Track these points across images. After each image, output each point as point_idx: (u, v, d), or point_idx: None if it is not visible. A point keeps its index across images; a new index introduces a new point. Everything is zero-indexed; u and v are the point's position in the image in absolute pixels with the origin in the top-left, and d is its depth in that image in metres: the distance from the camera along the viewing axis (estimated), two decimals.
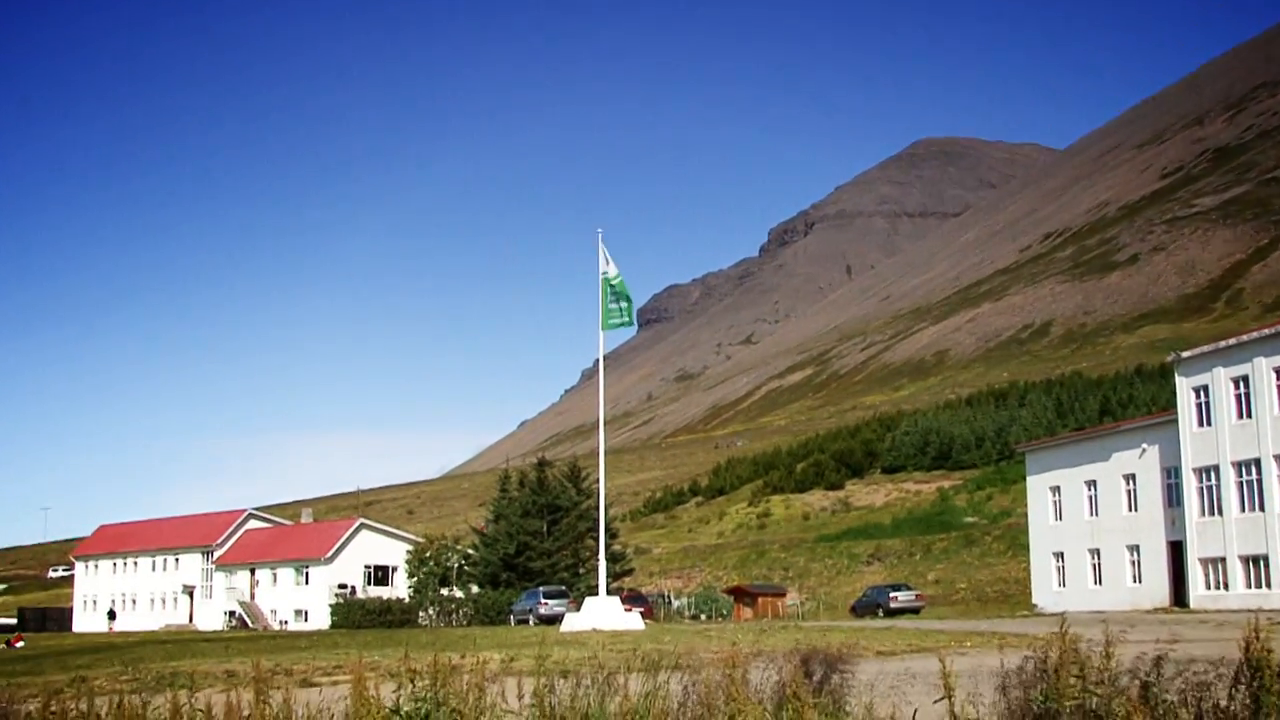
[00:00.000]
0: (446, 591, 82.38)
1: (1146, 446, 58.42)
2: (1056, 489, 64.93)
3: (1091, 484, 62.08)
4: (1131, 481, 59.46)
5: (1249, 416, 51.35)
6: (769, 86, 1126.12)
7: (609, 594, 49.95)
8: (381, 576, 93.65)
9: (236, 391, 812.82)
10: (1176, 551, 55.99)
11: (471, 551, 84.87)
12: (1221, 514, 52.52)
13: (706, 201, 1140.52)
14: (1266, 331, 52.55)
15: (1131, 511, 59.29)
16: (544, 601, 65.40)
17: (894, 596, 69.33)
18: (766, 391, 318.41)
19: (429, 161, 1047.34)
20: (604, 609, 45.78)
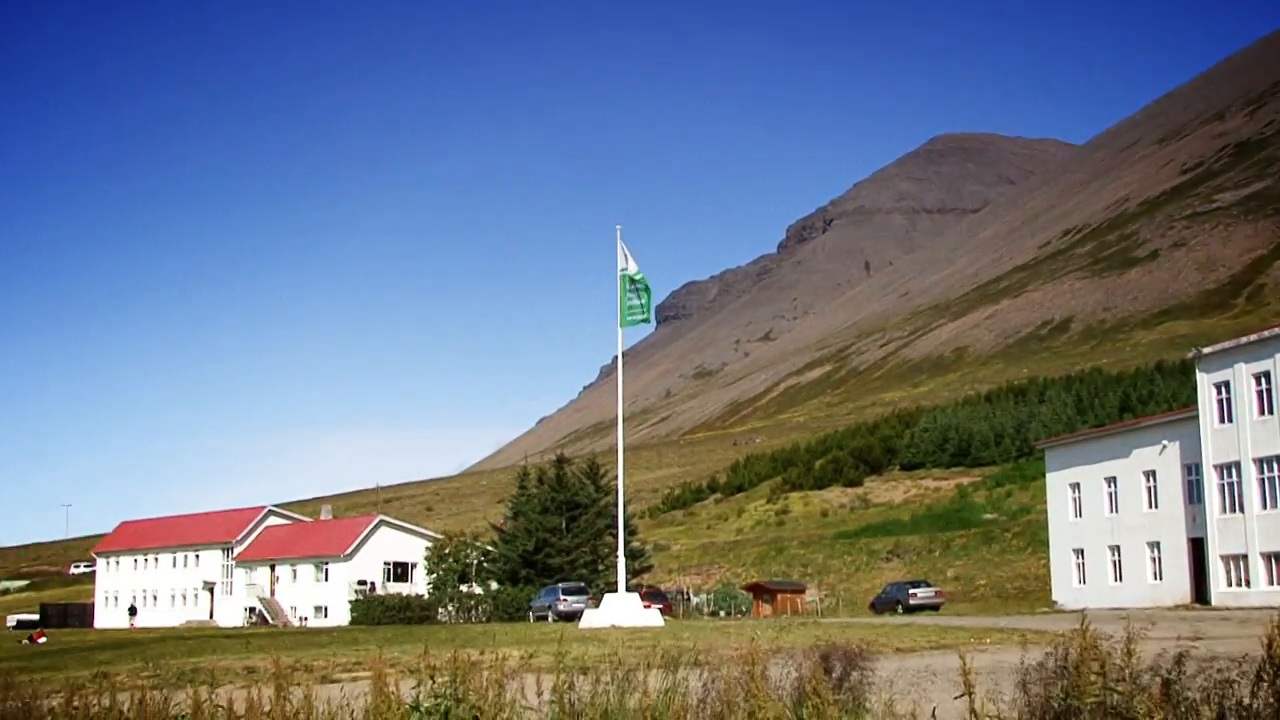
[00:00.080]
0: (466, 588, 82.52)
1: (1167, 443, 58.18)
2: (1076, 486, 64.72)
3: (1112, 480, 61.87)
4: (1152, 478, 59.24)
5: (1271, 413, 51.12)
6: (787, 84, 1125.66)
7: (628, 591, 50.01)
8: (401, 573, 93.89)
9: (257, 389, 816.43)
10: (1198, 548, 55.77)
11: (491, 548, 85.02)
12: (1243, 510, 52.29)
13: (725, 198, 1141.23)
14: None
15: (1152, 508, 59.08)
16: (563, 598, 65.55)
17: (913, 593, 69.20)
18: (785, 388, 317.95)
19: (447, 159, 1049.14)
20: (623, 606, 45.85)
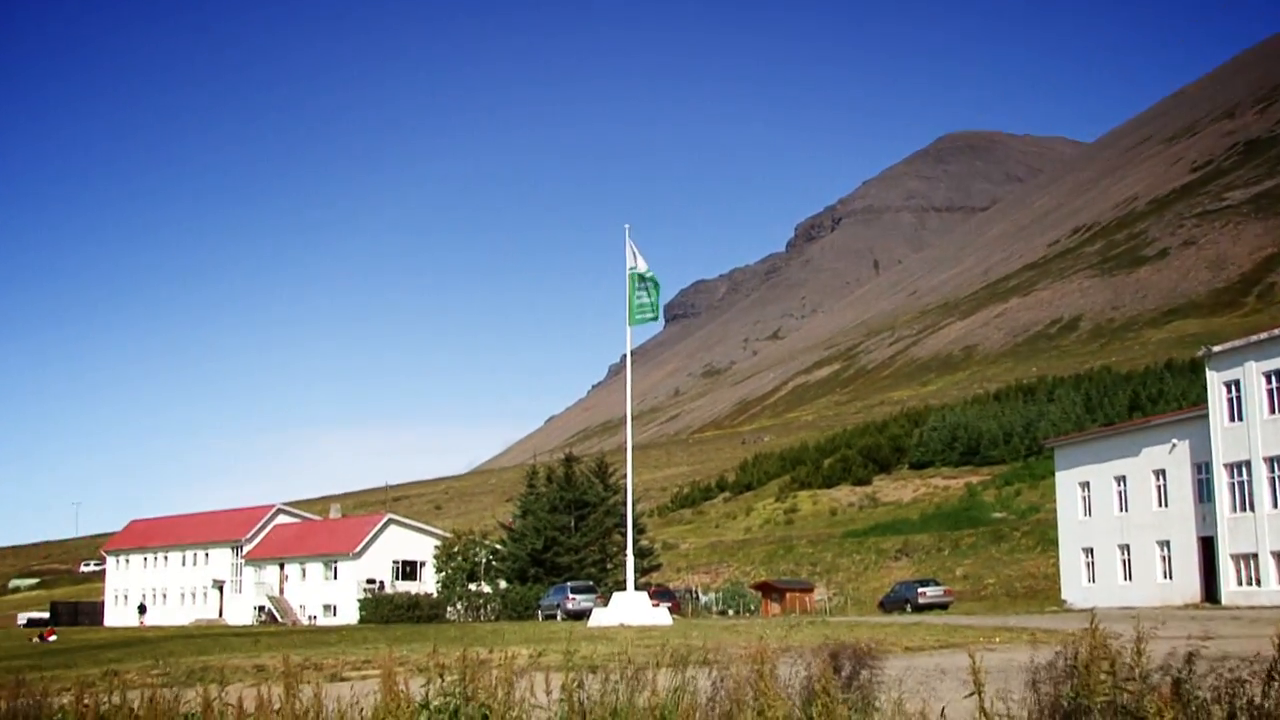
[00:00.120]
0: (474, 587, 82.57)
1: (1177, 442, 58.06)
2: (1086, 484, 64.60)
3: (1121, 479, 61.75)
4: (1162, 477, 59.13)
5: None
6: (795, 82, 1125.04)
7: (636, 589, 49.97)
8: (410, 571, 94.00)
9: (266, 388, 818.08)
10: (1208, 547, 55.64)
11: (499, 547, 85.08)
12: (1253, 510, 52.16)
13: (733, 197, 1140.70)
14: None
15: (1162, 507, 58.96)
16: (571, 597, 65.59)
17: (922, 592, 69.15)
18: (794, 387, 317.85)
19: (455, 159, 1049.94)
20: (631, 604, 45.82)
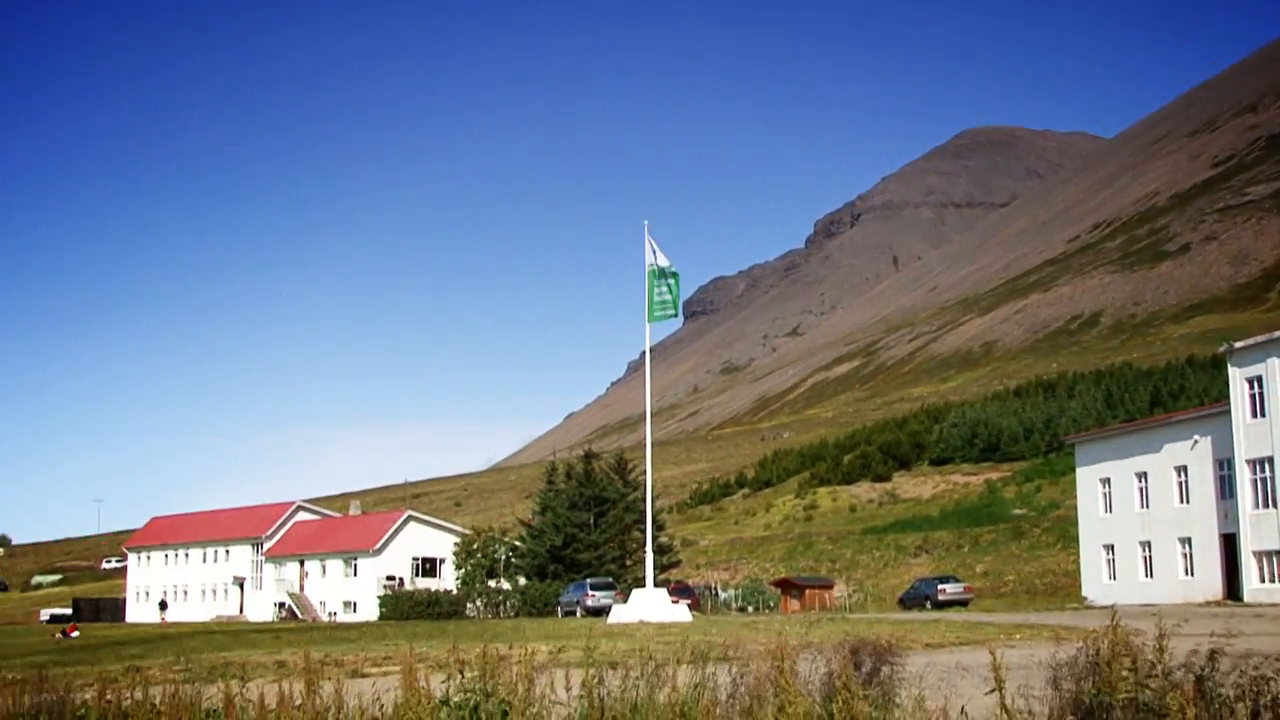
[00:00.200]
0: (494, 583, 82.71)
1: (1198, 438, 57.79)
2: (1106, 481, 64.36)
3: (1142, 476, 61.49)
4: (1183, 473, 58.86)
5: None
6: (814, 79, 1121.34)
7: (656, 586, 50.00)
8: (429, 568, 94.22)
9: (286, 385, 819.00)
10: (1229, 544, 55.38)
11: (519, 543, 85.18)
12: (1276, 506, 51.93)
13: (752, 193, 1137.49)
14: None
15: (1183, 503, 58.69)
16: (591, 593, 65.56)
17: (942, 589, 68.94)
18: (813, 383, 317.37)
19: (474, 156, 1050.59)
20: (651, 601, 45.85)
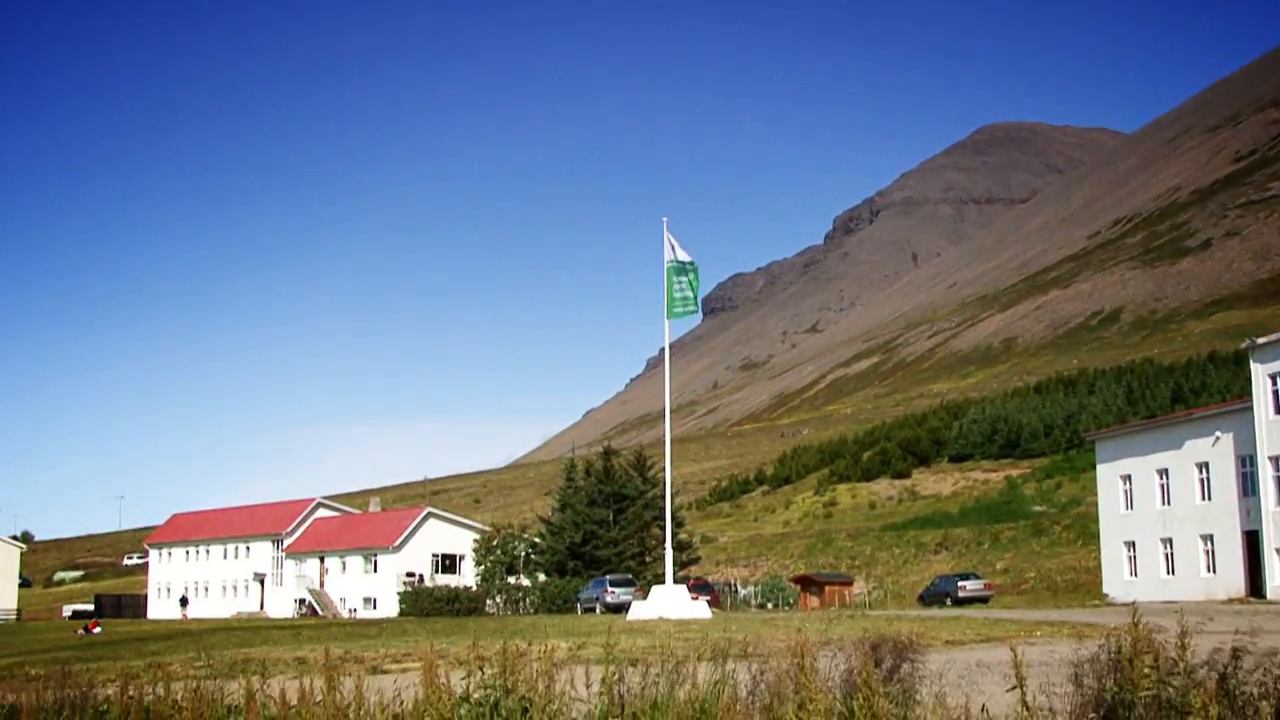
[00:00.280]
0: (513, 580, 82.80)
1: (1220, 434, 57.47)
2: (1127, 477, 64.06)
3: (1163, 472, 61.18)
4: (1205, 470, 58.55)
5: None
6: (833, 75, 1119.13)
7: (675, 583, 49.98)
8: (449, 565, 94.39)
9: (306, 382, 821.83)
10: (1252, 541, 55.06)
11: (538, 540, 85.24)
12: None
13: (771, 190, 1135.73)
14: None
15: (1205, 500, 58.39)
16: (610, 590, 65.58)
17: (962, 586, 68.71)
18: (832, 380, 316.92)
19: (493, 153, 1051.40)
20: (670, 597, 45.82)
